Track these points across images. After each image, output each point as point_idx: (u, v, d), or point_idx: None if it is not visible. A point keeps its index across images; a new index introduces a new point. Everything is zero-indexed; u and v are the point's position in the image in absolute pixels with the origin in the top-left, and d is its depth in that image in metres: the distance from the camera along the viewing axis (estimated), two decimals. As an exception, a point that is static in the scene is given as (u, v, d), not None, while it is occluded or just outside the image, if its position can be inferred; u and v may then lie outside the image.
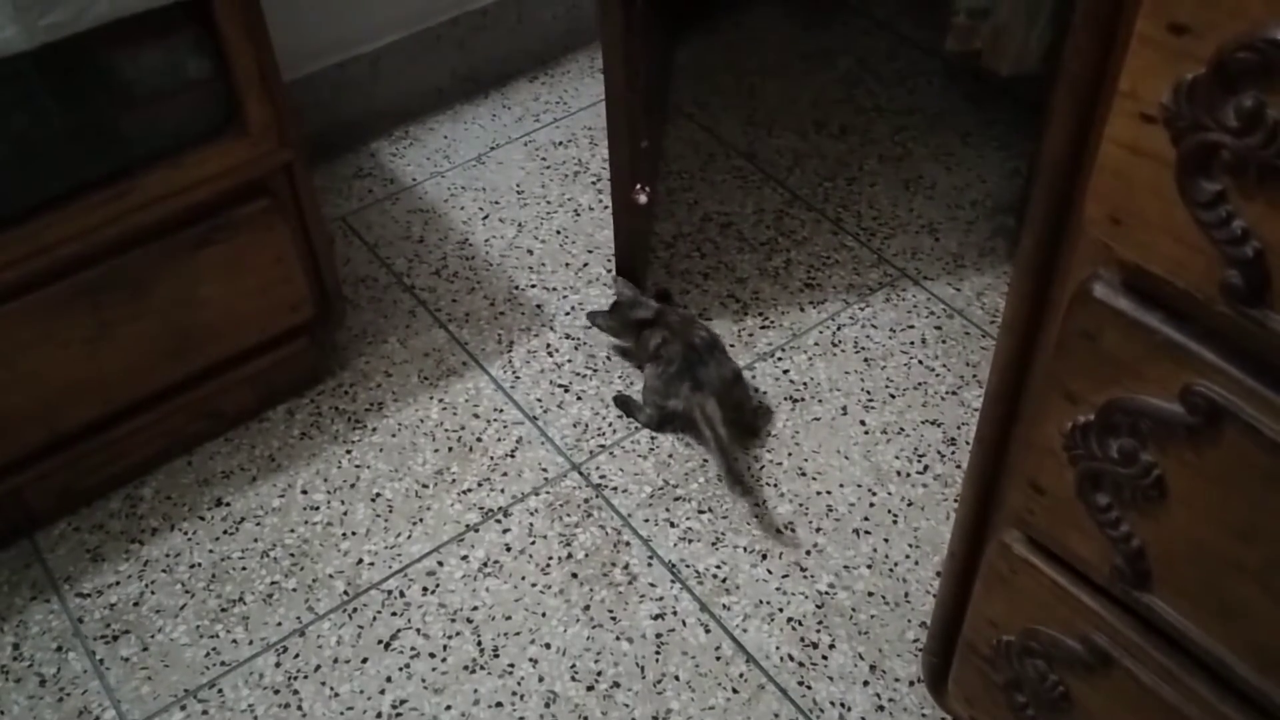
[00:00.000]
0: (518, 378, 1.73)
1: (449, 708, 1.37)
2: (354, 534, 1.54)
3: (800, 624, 1.44)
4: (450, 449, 1.64)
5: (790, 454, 1.62)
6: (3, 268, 1.31)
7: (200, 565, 1.51)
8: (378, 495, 1.59)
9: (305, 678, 1.40)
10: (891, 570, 1.49)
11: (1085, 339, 0.82)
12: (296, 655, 1.42)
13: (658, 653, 1.41)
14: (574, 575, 1.49)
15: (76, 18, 1.19)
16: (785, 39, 2.35)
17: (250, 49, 1.35)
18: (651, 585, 1.48)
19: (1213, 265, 0.72)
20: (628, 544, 1.52)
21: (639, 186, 1.67)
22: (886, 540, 1.52)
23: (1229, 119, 0.67)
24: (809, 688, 1.38)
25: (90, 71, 1.30)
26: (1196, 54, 0.67)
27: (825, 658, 1.41)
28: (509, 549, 1.52)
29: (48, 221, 1.32)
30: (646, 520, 1.55)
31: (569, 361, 1.76)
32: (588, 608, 1.46)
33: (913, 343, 1.77)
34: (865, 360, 1.75)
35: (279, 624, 1.45)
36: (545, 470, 1.61)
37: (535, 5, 2.23)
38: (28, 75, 1.26)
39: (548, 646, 1.42)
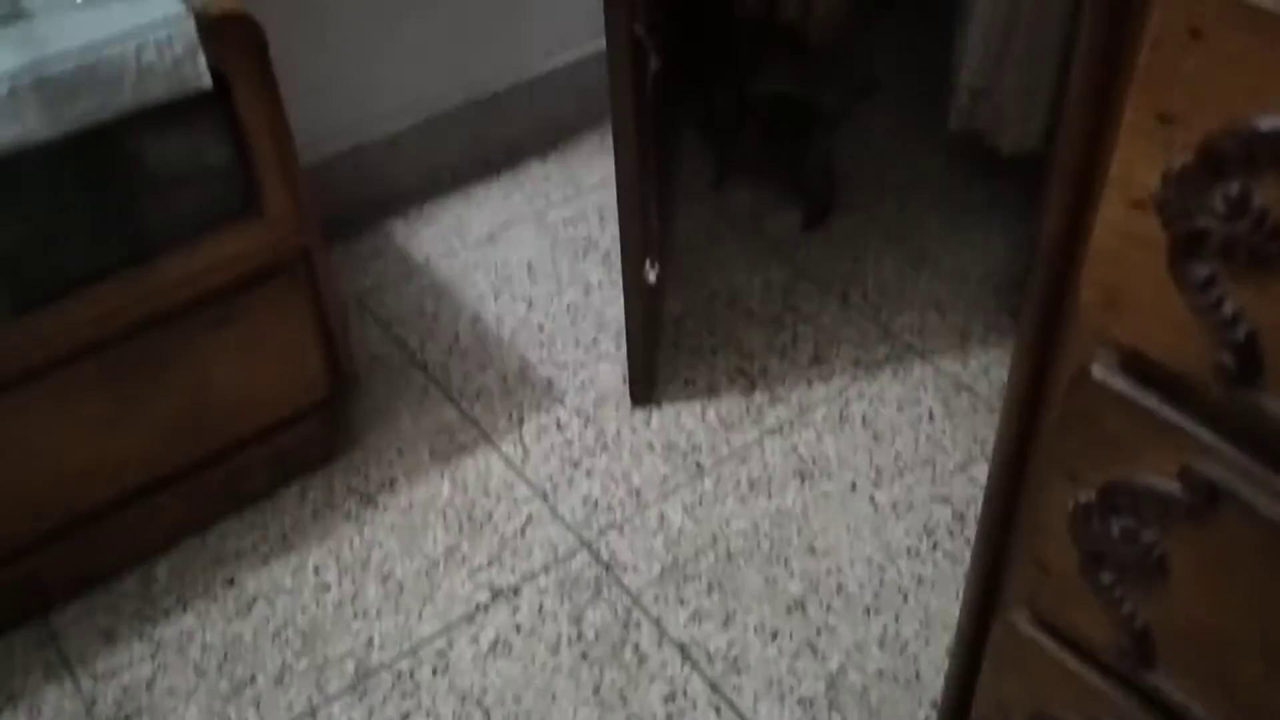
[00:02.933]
0: (528, 454, 1.75)
1: (459, 789, 1.36)
2: (365, 614, 1.55)
3: (811, 704, 1.43)
4: (461, 527, 1.65)
5: (800, 530, 1.63)
6: (25, 350, 1.34)
7: (212, 646, 1.52)
8: (389, 574, 1.59)
9: (315, 758, 1.40)
10: (902, 649, 1.48)
11: (1085, 419, 0.83)
12: (306, 735, 1.42)
13: (668, 732, 1.41)
14: (584, 655, 1.49)
15: (101, 107, 1.23)
16: (792, 119, 2.39)
17: (270, 136, 1.39)
18: (662, 665, 1.48)
19: (1207, 347, 0.73)
20: (638, 624, 1.52)
21: (649, 264, 1.69)
22: (897, 618, 1.52)
23: (1217, 205, 0.69)
24: (821, 768, 1.37)
25: (114, 158, 1.34)
26: (1184, 142, 0.69)
27: (837, 737, 1.40)
28: (519, 629, 1.52)
29: (69, 304, 1.35)
30: (656, 599, 1.55)
31: (579, 438, 1.77)
32: (597, 689, 1.45)
33: (921, 418, 1.78)
34: (874, 435, 1.76)
35: (289, 705, 1.45)
36: (555, 547, 1.62)
37: (547, 88, 2.28)
38: (52, 161, 1.30)
39: (558, 726, 1.42)
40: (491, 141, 2.27)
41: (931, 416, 1.78)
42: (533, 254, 2.11)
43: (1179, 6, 0.67)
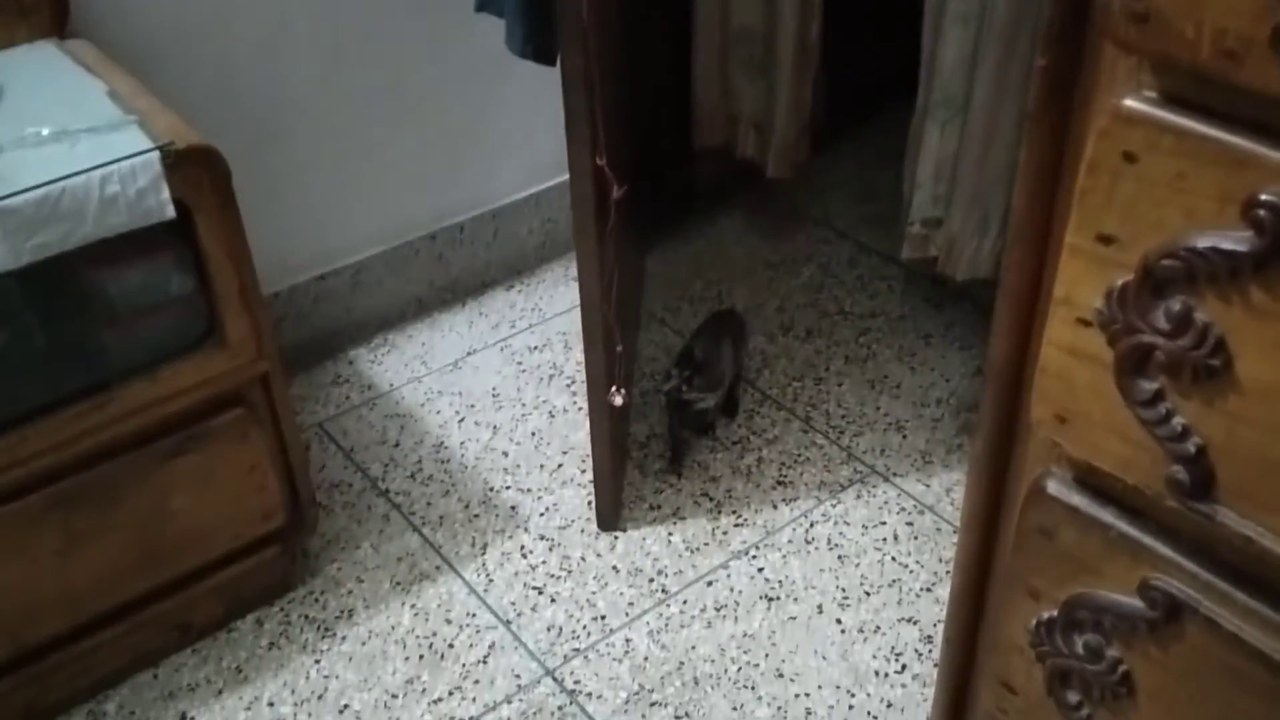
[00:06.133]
0: (491, 581, 1.72)
1: None
2: (321, 749, 1.50)
3: (782, 836, 1.39)
4: (421, 656, 1.61)
5: (767, 655, 1.60)
6: (-25, 481, 1.32)
7: (161, 785, 1.46)
8: (346, 706, 1.55)
9: None
10: (873, 776, 1.46)
11: (1043, 536, 0.84)
12: None
13: None
14: (548, 788, 1.45)
15: (63, 239, 1.24)
16: (751, 249, 2.44)
17: (231, 265, 1.39)
18: (628, 797, 1.44)
19: (1158, 461, 0.74)
20: (603, 754, 1.49)
21: (615, 389, 1.70)
22: (867, 744, 1.49)
23: (1160, 322, 0.71)
24: None
25: (74, 288, 1.34)
26: (1124, 262, 0.71)
27: None
28: (481, 761, 1.48)
29: (23, 434, 1.33)
30: (622, 728, 1.52)
31: (543, 563, 1.75)
32: (562, 823, 1.41)
33: (885, 539, 1.78)
34: (839, 557, 1.75)
35: (241, 847, 1.40)
36: (518, 676, 1.58)
37: (511, 220, 2.32)
38: (10, 292, 1.30)
39: None
40: (457, 271, 2.30)
41: (896, 538, 1.78)
42: (497, 381, 2.12)
43: (1112, 132, 0.69)
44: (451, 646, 1.63)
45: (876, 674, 1.58)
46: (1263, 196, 0.64)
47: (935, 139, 1.92)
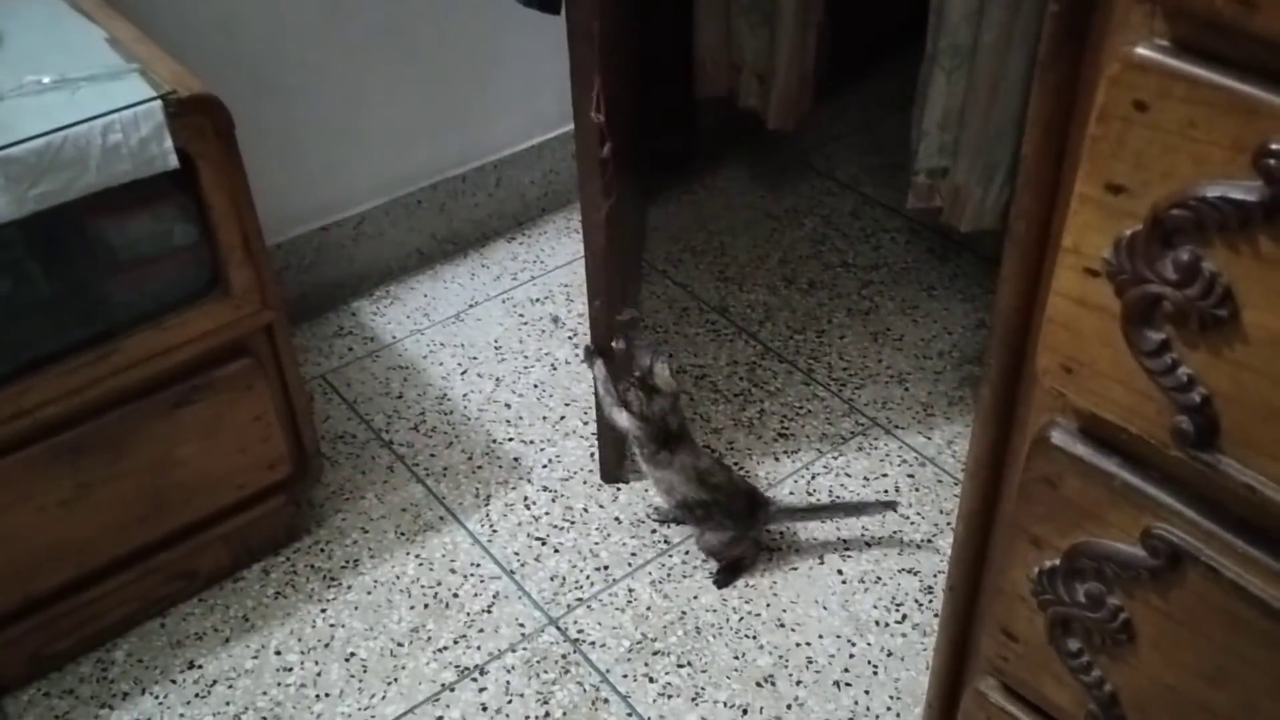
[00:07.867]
0: (495, 531, 1.73)
1: None
2: (327, 695, 1.52)
3: (783, 781, 1.41)
4: (426, 605, 1.63)
5: (769, 605, 1.62)
6: (-18, 430, 1.32)
7: (170, 731, 1.48)
8: (352, 655, 1.57)
9: None
10: (873, 723, 1.47)
11: (1047, 485, 0.84)
12: (267, 824, 1.38)
13: (638, 814, 1.38)
14: (552, 734, 1.47)
15: (65, 188, 1.23)
16: (754, 200, 2.43)
17: (234, 215, 1.39)
18: (631, 743, 1.46)
19: (1163, 411, 0.75)
20: (606, 701, 1.50)
21: (617, 340, 1.70)
22: (867, 692, 1.51)
23: (1168, 271, 0.71)
24: None
25: (77, 238, 1.34)
26: (1134, 211, 0.71)
27: (809, 816, 1.38)
28: (485, 708, 1.50)
29: (29, 384, 1.33)
30: (625, 676, 1.53)
31: (546, 514, 1.76)
32: (566, 768, 1.43)
33: (886, 491, 1.78)
34: (841, 510, 1.76)
35: (249, 791, 1.42)
36: (522, 625, 1.60)
37: (513, 170, 2.31)
38: (14, 242, 1.30)
39: (525, 809, 1.39)
40: (458, 222, 2.29)
41: (897, 490, 1.79)
42: (500, 332, 2.12)
43: (1124, 80, 0.69)
44: (456, 596, 1.64)
45: (877, 623, 1.59)
46: (1274, 146, 0.63)
47: (942, 86, 1.90)
